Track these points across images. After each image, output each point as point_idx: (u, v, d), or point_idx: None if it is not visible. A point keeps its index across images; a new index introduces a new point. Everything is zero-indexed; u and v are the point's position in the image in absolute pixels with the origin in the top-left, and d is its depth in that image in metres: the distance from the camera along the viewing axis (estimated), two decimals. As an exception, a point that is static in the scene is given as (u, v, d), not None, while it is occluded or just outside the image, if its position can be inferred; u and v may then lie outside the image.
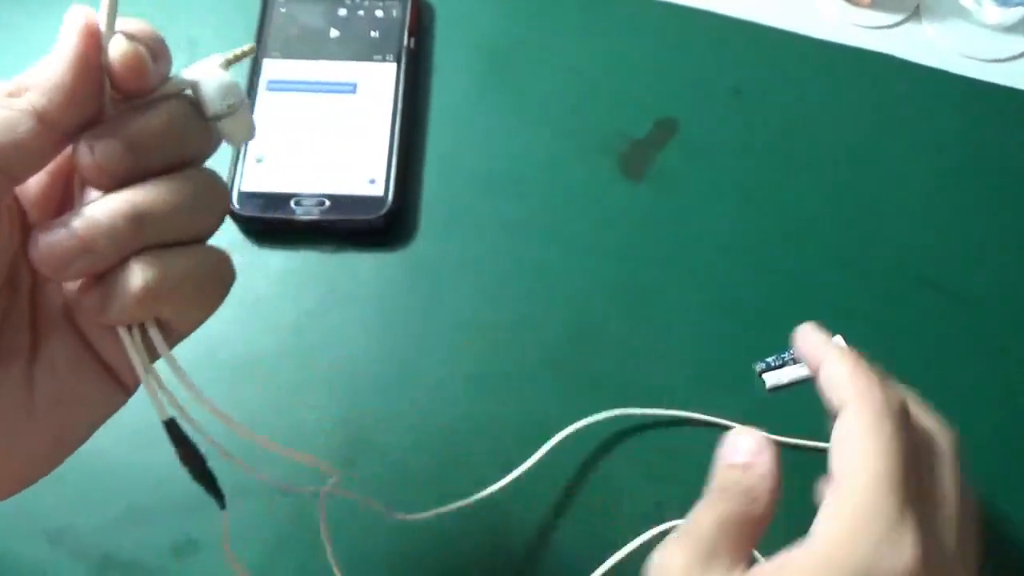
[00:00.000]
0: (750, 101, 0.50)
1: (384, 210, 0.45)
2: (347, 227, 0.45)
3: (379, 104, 0.48)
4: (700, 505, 0.27)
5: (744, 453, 0.26)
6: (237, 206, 0.45)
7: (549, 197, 0.47)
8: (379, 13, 0.50)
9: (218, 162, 0.46)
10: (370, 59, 0.49)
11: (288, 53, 0.49)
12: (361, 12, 0.50)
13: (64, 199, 0.26)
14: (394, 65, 0.49)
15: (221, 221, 0.26)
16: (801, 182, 0.48)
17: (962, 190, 0.48)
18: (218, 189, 0.26)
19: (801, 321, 0.44)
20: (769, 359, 0.43)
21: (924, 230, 0.47)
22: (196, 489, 0.28)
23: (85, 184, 0.25)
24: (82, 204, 0.24)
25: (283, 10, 0.50)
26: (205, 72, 0.26)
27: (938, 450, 0.27)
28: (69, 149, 0.24)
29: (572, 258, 0.45)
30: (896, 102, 0.50)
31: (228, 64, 0.27)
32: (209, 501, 0.28)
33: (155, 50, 0.25)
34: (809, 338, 0.32)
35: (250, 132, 0.28)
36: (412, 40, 0.49)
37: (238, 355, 0.43)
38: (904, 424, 0.26)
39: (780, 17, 0.52)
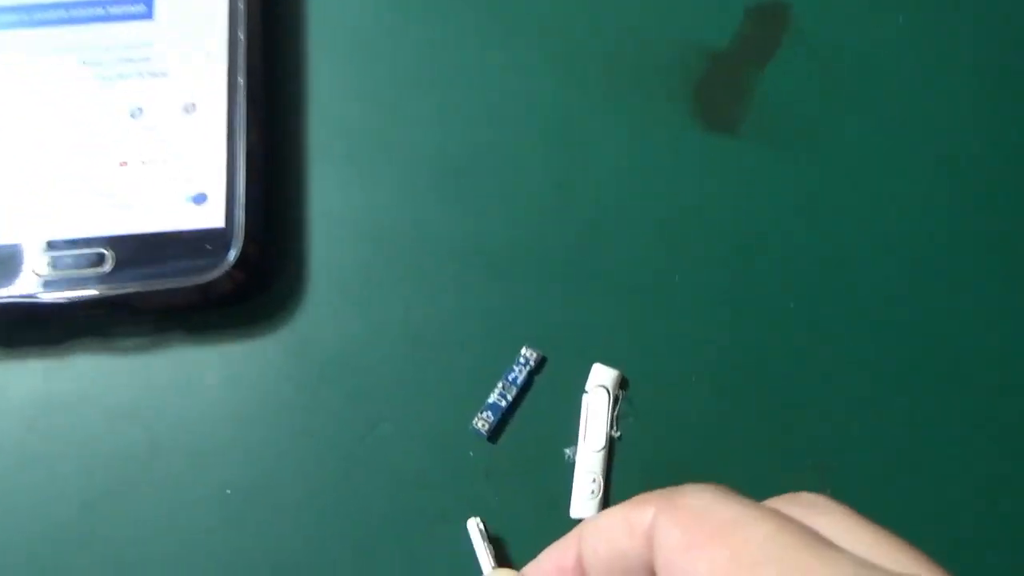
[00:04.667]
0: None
1: (230, 254, 0.22)
2: (157, 302, 0.22)
3: (199, 44, 0.24)
4: None
5: None
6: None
7: (560, 179, 0.24)
8: None
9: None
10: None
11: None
12: None
13: None
14: (227, -41, 0.25)
15: None
16: (997, 116, 0.25)
17: None
18: None
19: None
20: None
21: None
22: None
23: None
24: None
25: None
26: None
27: None
28: None
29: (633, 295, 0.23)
30: None
31: None
32: None
33: None
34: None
35: None
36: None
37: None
38: None
39: None
